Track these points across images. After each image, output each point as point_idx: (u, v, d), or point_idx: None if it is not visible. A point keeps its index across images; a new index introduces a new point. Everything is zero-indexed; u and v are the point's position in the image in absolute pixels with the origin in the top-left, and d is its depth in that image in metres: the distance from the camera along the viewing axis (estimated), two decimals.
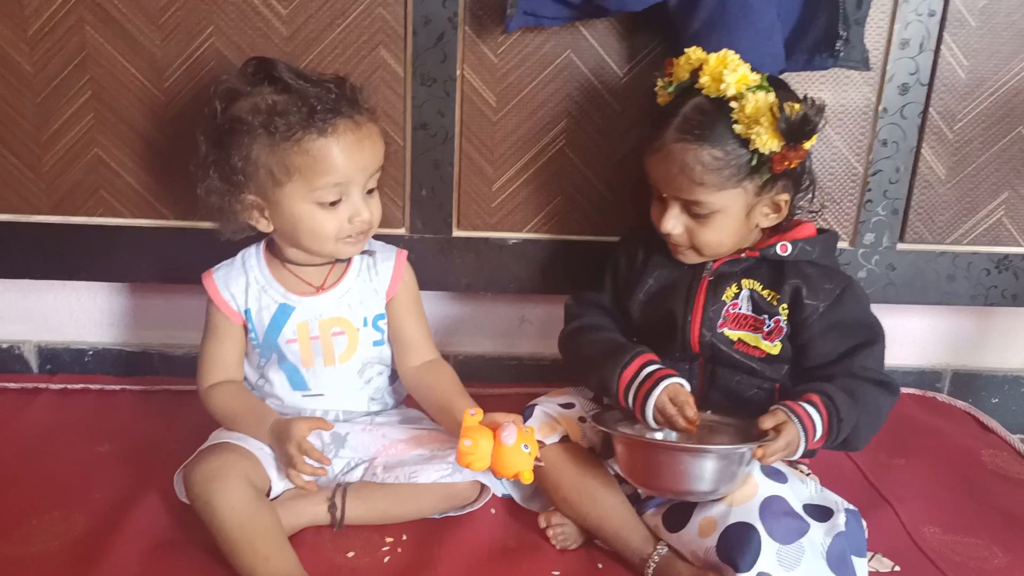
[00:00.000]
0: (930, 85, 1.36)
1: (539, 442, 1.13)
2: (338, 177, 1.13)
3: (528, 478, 1.06)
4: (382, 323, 1.26)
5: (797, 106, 1.05)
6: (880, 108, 1.37)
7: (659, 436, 1.15)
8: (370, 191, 1.18)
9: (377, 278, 1.25)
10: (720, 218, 1.12)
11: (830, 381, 1.11)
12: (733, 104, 1.07)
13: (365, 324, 1.24)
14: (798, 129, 1.05)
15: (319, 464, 1.13)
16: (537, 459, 1.08)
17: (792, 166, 1.08)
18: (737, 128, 1.07)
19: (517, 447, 1.05)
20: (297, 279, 1.22)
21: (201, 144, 1.17)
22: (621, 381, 1.13)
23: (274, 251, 1.24)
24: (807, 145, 1.07)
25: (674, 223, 1.14)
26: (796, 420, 1.06)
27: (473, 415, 1.07)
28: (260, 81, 1.14)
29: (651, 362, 1.14)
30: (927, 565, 1.15)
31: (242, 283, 1.22)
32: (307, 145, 1.10)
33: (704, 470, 1.04)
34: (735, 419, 1.14)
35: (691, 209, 1.13)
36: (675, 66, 1.15)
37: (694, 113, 1.10)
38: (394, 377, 1.32)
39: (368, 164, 1.15)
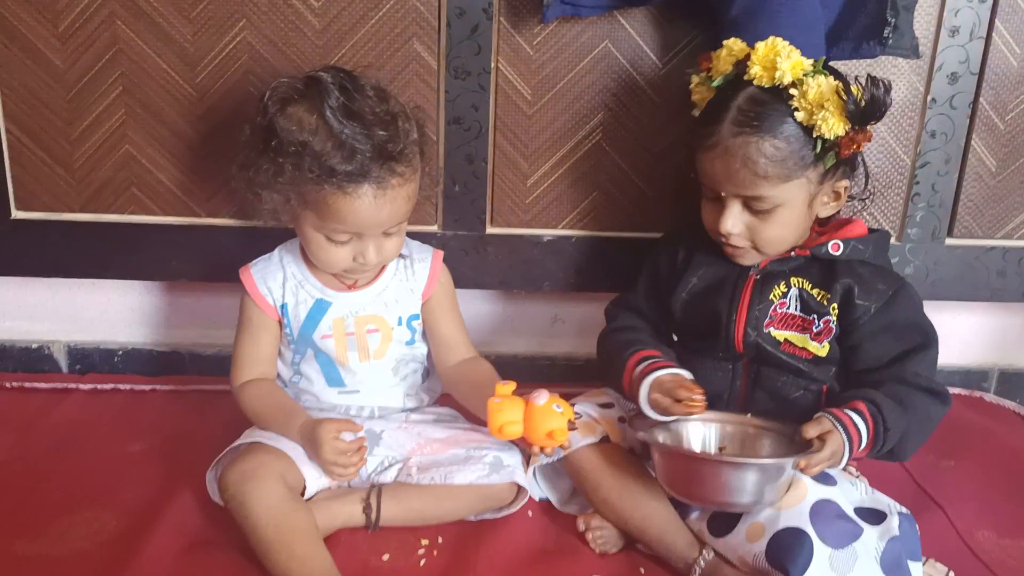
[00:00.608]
0: (980, 74, 1.33)
1: (573, 408, 1.10)
2: (349, 228, 1.11)
3: (563, 437, 1.04)
4: (416, 323, 1.25)
5: (861, 89, 1.03)
6: (928, 98, 1.34)
7: (697, 445, 1.13)
8: (389, 233, 1.15)
9: (413, 278, 1.24)
10: (783, 212, 1.09)
11: (879, 387, 1.08)
12: (793, 91, 1.04)
13: (399, 323, 1.23)
14: (867, 110, 1.02)
15: (358, 456, 1.11)
16: (570, 421, 1.05)
17: (860, 149, 1.05)
18: (799, 115, 1.04)
19: (548, 406, 1.04)
20: (333, 275, 1.21)
21: (246, 131, 1.15)
22: (624, 383, 1.13)
23: None
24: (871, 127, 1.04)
25: (734, 222, 1.10)
26: (841, 429, 1.03)
27: (505, 385, 1.07)
28: (311, 98, 1.09)
29: (644, 358, 1.12)
30: (982, 570, 1.12)
31: (279, 278, 1.21)
32: (326, 195, 1.08)
33: (745, 482, 1.01)
34: (777, 424, 1.11)
35: (752, 205, 1.09)
36: (715, 59, 1.12)
37: (749, 104, 1.06)
38: (427, 375, 1.30)
39: (385, 222, 1.12)
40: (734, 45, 1.10)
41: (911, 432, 1.08)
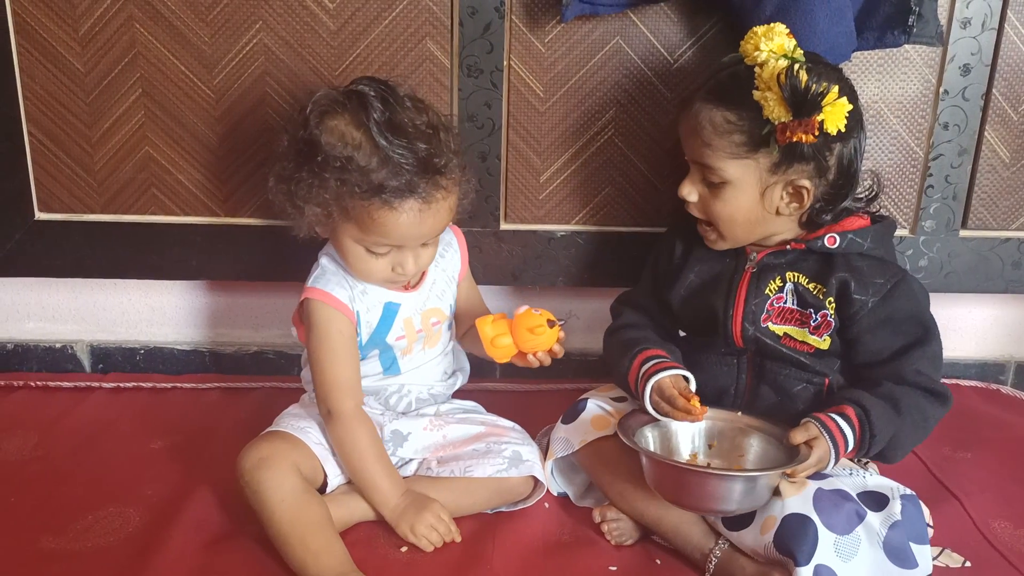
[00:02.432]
0: (993, 65, 1.32)
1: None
2: (392, 241, 1.11)
3: (544, 334, 1.08)
4: (453, 306, 1.28)
5: (805, 77, 1.01)
6: (941, 90, 1.33)
7: (686, 441, 1.14)
8: (426, 244, 1.15)
9: (450, 267, 1.26)
10: (731, 190, 1.10)
11: (877, 386, 1.08)
12: (757, 70, 1.06)
13: (449, 310, 1.26)
14: (800, 100, 1.01)
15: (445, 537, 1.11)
16: (550, 320, 1.09)
17: (795, 139, 1.03)
18: (756, 94, 1.05)
19: (528, 311, 1.10)
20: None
21: (284, 140, 1.13)
22: (630, 382, 1.14)
23: None
24: (833, 127, 1.02)
25: (689, 189, 1.13)
26: (827, 435, 1.03)
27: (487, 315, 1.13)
28: (354, 112, 1.08)
29: (648, 358, 1.13)
30: (999, 560, 1.11)
31: (343, 290, 1.18)
32: (370, 208, 1.07)
33: (732, 492, 1.01)
34: (767, 423, 1.11)
35: (706, 176, 1.11)
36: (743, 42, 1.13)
37: (726, 78, 1.09)
38: (455, 358, 1.32)
39: (426, 235, 1.12)
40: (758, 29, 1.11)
41: (903, 435, 1.07)
